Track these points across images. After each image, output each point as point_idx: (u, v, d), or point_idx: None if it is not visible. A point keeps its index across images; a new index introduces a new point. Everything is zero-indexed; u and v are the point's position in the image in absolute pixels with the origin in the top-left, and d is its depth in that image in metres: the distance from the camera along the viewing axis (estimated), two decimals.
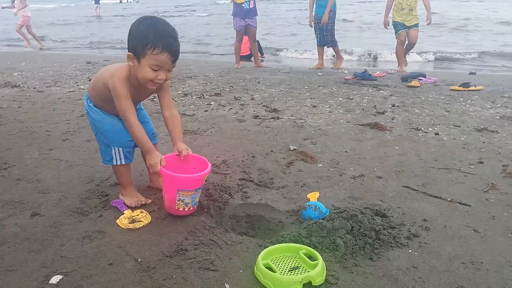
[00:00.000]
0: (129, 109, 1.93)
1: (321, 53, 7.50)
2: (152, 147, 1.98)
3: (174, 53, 1.85)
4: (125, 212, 2.02)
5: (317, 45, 7.44)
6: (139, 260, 1.64)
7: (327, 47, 7.46)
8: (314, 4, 7.17)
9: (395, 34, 6.84)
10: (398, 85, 5.57)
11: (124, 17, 24.84)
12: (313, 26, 7.32)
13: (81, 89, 5.41)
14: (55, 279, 1.51)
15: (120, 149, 2.10)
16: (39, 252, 1.71)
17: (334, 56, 8.10)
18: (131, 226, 1.90)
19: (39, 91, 5.28)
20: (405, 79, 5.77)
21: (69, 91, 5.25)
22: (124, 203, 2.12)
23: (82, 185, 2.39)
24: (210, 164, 1.98)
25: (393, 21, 6.79)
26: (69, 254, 1.69)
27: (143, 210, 2.04)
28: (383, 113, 4.08)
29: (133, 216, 1.97)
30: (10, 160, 2.81)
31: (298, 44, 11.70)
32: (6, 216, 2.02)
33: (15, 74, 6.79)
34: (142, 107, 2.31)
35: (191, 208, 1.97)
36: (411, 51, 7.45)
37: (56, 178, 2.50)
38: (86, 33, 18.15)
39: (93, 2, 32.10)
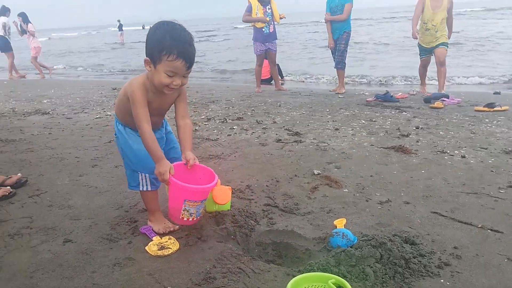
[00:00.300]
0: (143, 117, 1.95)
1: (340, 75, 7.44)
2: (162, 156, 1.97)
3: (188, 60, 1.88)
4: (154, 238, 2.05)
5: (335, 67, 7.35)
6: None
7: (334, 67, 7.28)
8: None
9: (419, 55, 6.84)
10: (421, 107, 5.53)
11: None
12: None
13: (107, 115, 5.57)
14: None
15: (147, 175, 2.15)
16: (72, 279, 1.75)
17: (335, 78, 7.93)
18: (160, 253, 1.93)
19: (67, 118, 5.46)
20: (428, 100, 5.73)
21: (96, 117, 5.41)
22: (152, 229, 2.16)
23: (111, 211, 2.45)
24: (217, 176, 2.02)
25: (418, 43, 6.70)
26: (101, 281, 1.73)
27: (171, 237, 2.07)
28: (407, 135, 4.05)
29: (161, 243, 2.00)
30: (42, 186, 2.90)
31: (316, 66, 11.80)
32: (39, 243, 2.08)
33: (45, 101, 7.04)
34: (170, 130, 2.32)
35: (195, 219, 2.02)
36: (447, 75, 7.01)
37: (87, 205, 2.56)
38: (111, 59, 18.78)
39: (117, 29, 33.30)
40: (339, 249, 1.81)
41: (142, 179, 2.16)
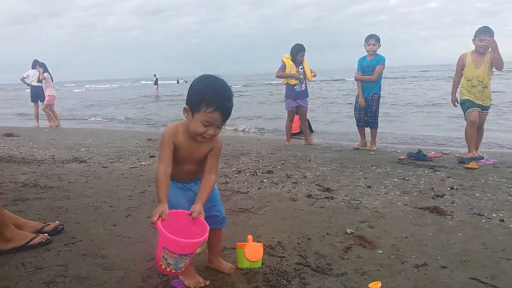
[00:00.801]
0: (162, 157, 2.04)
1: (362, 132, 7.28)
2: (162, 199, 1.98)
3: (225, 113, 1.97)
4: None
5: (356, 125, 7.31)
6: None
7: (369, 127, 7.18)
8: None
9: (464, 114, 5.88)
10: (455, 167, 5.42)
11: (181, 96, 26.70)
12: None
13: (142, 165, 5.73)
14: None
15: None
16: None
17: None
18: None
19: (103, 167, 5.65)
20: (462, 160, 5.63)
21: (131, 167, 5.57)
22: (183, 283, 2.16)
23: (143, 263, 2.47)
24: (207, 236, 1.95)
25: (460, 100, 5.94)
26: None
27: None
28: (441, 196, 3.96)
29: None
30: (77, 235, 2.97)
31: (347, 119, 11.88)
32: None
33: (82, 149, 7.33)
34: (216, 188, 2.32)
35: (173, 271, 1.94)
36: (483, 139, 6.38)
37: (120, 255, 2.60)
38: (147, 111, 19.56)
39: (153, 83, 35.19)
40: None
41: None
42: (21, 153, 6.96)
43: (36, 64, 12.07)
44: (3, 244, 2.62)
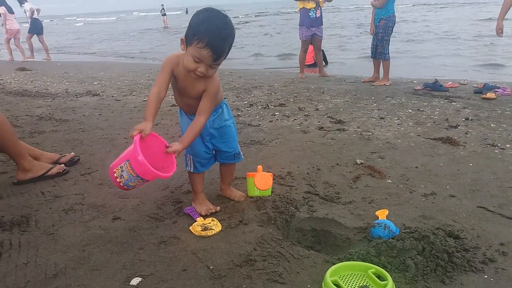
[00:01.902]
0: (158, 82, 1.99)
1: (376, 65, 6.94)
2: (148, 117, 1.92)
3: (215, 52, 1.84)
4: (198, 219, 2.13)
5: (370, 56, 7.00)
6: (211, 267, 1.73)
7: (375, 58, 6.85)
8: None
9: None
10: (472, 97, 5.28)
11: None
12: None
13: None
14: (135, 281, 1.64)
15: (191, 157, 2.23)
16: (120, 254, 1.86)
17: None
18: (203, 233, 2.00)
19: (116, 100, 5.68)
20: (479, 91, 5.47)
21: (144, 100, 5.59)
22: (195, 210, 2.24)
23: (158, 192, 2.55)
24: (169, 176, 1.90)
25: None
26: (147, 258, 1.82)
27: (214, 219, 2.13)
28: (455, 127, 3.90)
29: (205, 224, 2.07)
30: (93, 165, 3.06)
31: (363, 49, 11.51)
32: (90, 218, 2.21)
33: (95, 83, 7.34)
34: (228, 124, 2.26)
35: (121, 185, 1.90)
36: None
37: None
38: (157, 42, 19.18)
39: (160, 14, 34.25)
40: (380, 240, 1.80)
41: (188, 160, 2.25)
42: (35, 87, 7.02)
43: None
44: (22, 174, 2.72)
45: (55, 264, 1.78)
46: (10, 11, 11.79)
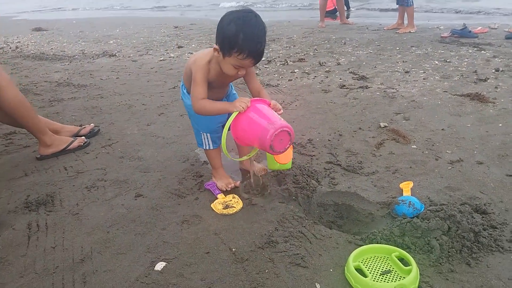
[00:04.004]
0: (199, 95, 1.93)
1: (400, 12, 6.60)
2: (226, 102, 1.98)
3: (257, 58, 1.84)
4: (219, 196, 2.12)
5: (396, 3, 6.63)
6: (233, 250, 1.73)
7: (399, 5, 6.51)
8: None
9: None
10: (503, 44, 4.96)
11: None
12: None
13: (171, 57, 5.63)
14: (159, 266, 1.67)
15: (208, 134, 2.19)
16: (144, 236, 1.88)
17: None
18: (225, 211, 2.00)
19: (133, 61, 5.60)
20: (511, 36, 5.13)
21: (160, 60, 5.50)
22: (216, 185, 2.23)
23: (178, 164, 2.55)
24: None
25: None
26: (170, 239, 1.84)
27: (235, 196, 2.13)
28: (485, 80, 3.70)
29: (226, 202, 2.07)
30: (113, 136, 3.06)
31: None
32: (113, 196, 2.24)
33: (111, 42, 7.24)
34: (235, 92, 2.29)
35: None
36: None
37: (155, 156, 2.68)
38: None
39: None
40: (404, 219, 1.76)
41: (204, 139, 2.21)
42: (52, 49, 6.98)
43: None
44: (44, 149, 2.75)
45: (81, 247, 1.82)
46: None
